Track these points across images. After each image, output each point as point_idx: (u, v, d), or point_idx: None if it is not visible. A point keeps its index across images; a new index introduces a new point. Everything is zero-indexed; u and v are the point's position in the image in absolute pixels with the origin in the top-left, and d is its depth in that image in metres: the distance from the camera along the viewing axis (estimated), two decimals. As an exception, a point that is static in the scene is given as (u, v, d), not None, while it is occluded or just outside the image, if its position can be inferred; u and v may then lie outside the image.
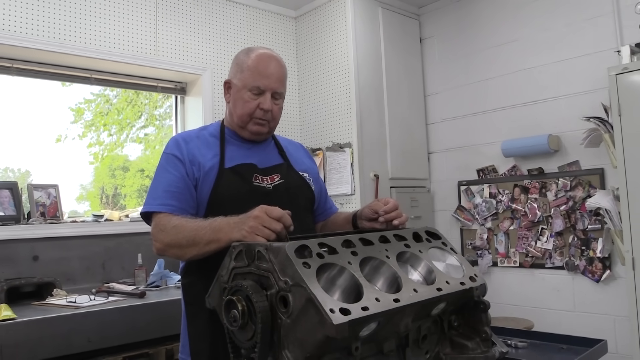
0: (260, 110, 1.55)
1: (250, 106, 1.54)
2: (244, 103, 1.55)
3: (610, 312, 3.05)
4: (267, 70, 1.54)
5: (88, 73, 3.19)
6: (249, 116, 1.55)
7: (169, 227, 1.39)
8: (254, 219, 1.19)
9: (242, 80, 1.55)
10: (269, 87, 1.55)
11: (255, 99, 1.54)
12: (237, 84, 1.57)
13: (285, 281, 0.97)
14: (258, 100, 1.54)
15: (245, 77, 1.55)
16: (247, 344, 1.03)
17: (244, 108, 1.55)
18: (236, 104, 1.57)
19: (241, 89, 1.55)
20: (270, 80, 1.55)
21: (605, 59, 3.06)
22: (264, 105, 1.54)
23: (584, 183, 3.16)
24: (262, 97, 1.54)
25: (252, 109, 1.55)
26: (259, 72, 1.54)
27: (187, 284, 1.51)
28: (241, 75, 1.56)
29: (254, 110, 1.55)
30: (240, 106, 1.56)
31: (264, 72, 1.54)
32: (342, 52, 3.66)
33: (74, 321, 2.09)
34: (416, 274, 1.17)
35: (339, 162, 3.63)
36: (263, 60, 1.56)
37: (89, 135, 3.38)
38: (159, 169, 1.52)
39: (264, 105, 1.54)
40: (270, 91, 1.55)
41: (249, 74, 1.54)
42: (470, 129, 3.82)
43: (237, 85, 1.57)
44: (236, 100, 1.57)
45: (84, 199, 3.44)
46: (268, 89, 1.55)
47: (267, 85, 1.54)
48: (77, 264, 2.87)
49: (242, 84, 1.55)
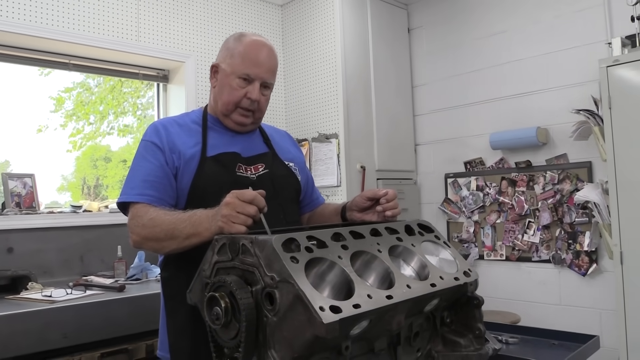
0: (247, 100, 1.48)
1: (237, 94, 1.47)
2: (231, 90, 1.48)
3: (597, 305, 3.04)
4: (258, 58, 1.47)
5: (66, 59, 3.07)
6: (234, 105, 1.49)
7: (146, 219, 1.32)
8: (225, 206, 1.13)
9: (232, 66, 1.48)
10: (259, 76, 1.48)
11: (243, 87, 1.47)
12: (225, 69, 1.50)
13: (272, 277, 0.91)
14: (246, 89, 1.47)
15: (235, 63, 1.47)
16: (230, 343, 0.97)
17: (230, 95, 1.48)
18: (222, 89, 1.50)
19: (229, 74, 1.48)
20: (261, 70, 1.48)
21: (595, 51, 3.04)
22: (251, 95, 1.47)
23: (571, 176, 3.14)
24: (250, 86, 1.48)
25: (238, 97, 1.48)
26: (250, 60, 1.47)
27: (167, 278, 1.44)
28: (231, 61, 1.48)
29: (240, 98, 1.48)
30: (227, 93, 1.48)
31: (255, 60, 1.47)
32: (329, 41, 3.59)
33: (49, 316, 2.01)
34: (409, 269, 1.12)
35: (325, 153, 3.57)
36: (255, 47, 1.48)
37: (70, 125, 3.28)
38: (137, 156, 1.44)
39: (252, 94, 1.47)
40: (259, 80, 1.48)
41: (239, 60, 1.47)
42: (457, 120, 3.78)
43: (225, 71, 1.50)
44: (223, 86, 1.50)
45: (65, 189, 3.34)
46: (258, 78, 1.48)
47: (257, 74, 1.47)
48: (53, 256, 2.77)
49: (231, 69, 1.48)
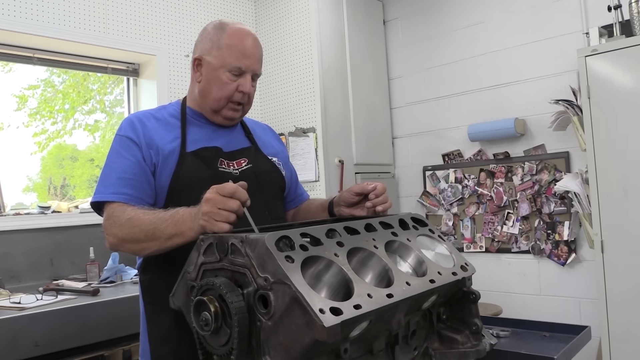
0: (239, 93, 1.40)
1: (229, 88, 1.39)
2: (222, 84, 1.39)
3: (576, 294, 3.07)
4: (247, 50, 1.40)
5: (30, 52, 2.92)
6: (226, 99, 1.40)
7: (123, 219, 1.23)
8: (206, 203, 1.06)
9: (220, 58, 1.39)
10: (250, 68, 1.41)
11: (234, 81, 1.39)
12: (212, 62, 1.40)
13: (265, 278, 0.85)
14: (237, 82, 1.40)
15: (224, 55, 1.39)
16: (221, 350, 0.90)
17: (222, 90, 1.40)
18: (211, 84, 1.41)
19: (218, 68, 1.39)
20: (252, 61, 1.41)
21: (572, 42, 3.05)
22: (243, 88, 1.40)
23: (549, 167, 3.16)
24: (242, 79, 1.40)
25: (231, 91, 1.40)
26: (240, 51, 1.39)
27: (147, 281, 1.36)
28: (218, 53, 1.39)
29: (232, 92, 1.40)
30: (218, 87, 1.40)
31: (244, 51, 1.39)
32: (304, 34, 3.51)
33: (19, 324, 1.90)
34: (406, 265, 1.07)
35: (303, 147, 3.51)
36: (241, 37, 1.40)
37: (34, 124, 3.13)
38: (112, 153, 1.35)
39: (244, 87, 1.40)
40: (250, 72, 1.41)
41: (227, 52, 1.38)
42: (435, 113, 3.76)
43: (212, 64, 1.40)
44: (211, 80, 1.41)
45: (31, 190, 3.19)
46: (249, 70, 1.40)
47: (249, 66, 1.40)
48: (21, 260, 2.64)
49: (220, 63, 1.39)
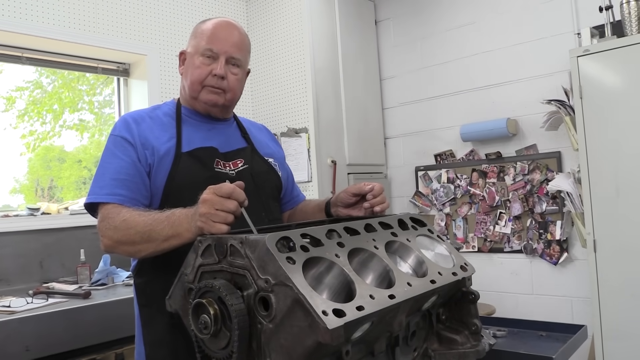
0: (213, 77, 1.38)
1: (201, 72, 1.38)
2: (195, 69, 1.39)
3: (568, 294, 3.08)
4: (220, 33, 1.40)
5: (19, 52, 2.88)
6: (199, 83, 1.39)
7: (118, 220, 1.21)
8: (203, 204, 1.04)
9: (195, 46, 1.41)
10: (223, 50, 1.39)
11: (207, 65, 1.38)
12: (190, 51, 1.43)
13: (266, 280, 0.83)
14: (211, 66, 1.38)
15: (197, 41, 1.40)
16: (220, 354, 0.89)
17: (194, 74, 1.39)
18: (187, 71, 1.42)
19: (193, 55, 1.40)
20: (225, 44, 1.39)
21: (563, 42, 3.06)
22: (217, 71, 1.38)
23: (541, 166, 3.17)
24: (215, 63, 1.39)
25: (203, 75, 1.38)
26: (212, 34, 1.39)
27: (142, 284, 1.34)
28: (195, 42, 1.41)
29: (205, 76, 1.38)
30: (192, 73, 1.40)
31: (217, 34, 1.39)
32: (296, 34, 3.50)
33: (9, 327, 1.86)
34: (406, 265, 1.06)
35: (295, 148, 3.49)
36: (220, 25, 1.41)
37: (22, 126, 3.08)
38: (106, 153, 1.33)
39: (217, 70, 1.38)
40: (224, 55, 1.39)
41: (200, 37, 1.40)
42: (427, 113, 3.76)
43: (189, 53, 1.43)
44: (188, 67, 1.42)
45: (17, 192, 3.14)
46: (222, 52, 1.39)
47: (221, 49, 1.38)
48: (10, 263, 2.59)
49: (194, 49, 1.40)
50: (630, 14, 2.47)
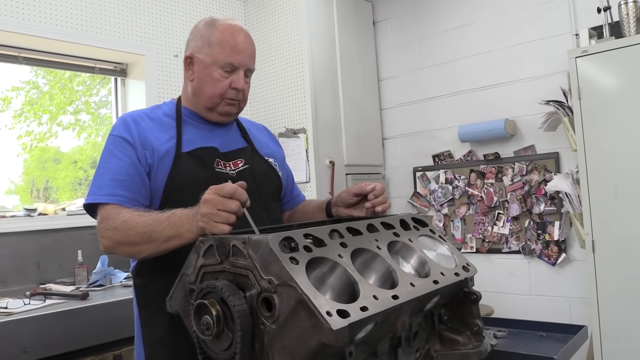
0: (232, 90, 1.38)
1: (222, 85, 1.37)
2: (215, 82, 1.37)
3: (566, 294, 3.08)
4: (239, 45, 1.38)
5: (15, 51, 2.86)
6: (220, 97, 1.38)
7: (118, 221, 1.20)
8: (205, 204, 1.03)
9: (212, 56, 1.37)
10: (243, 63, 1.38)
11: (227, 77, 1.37)
12: (204, 60, 1.38)
13: (269, 280, 0.83)
14: (230, 79, 1.37)
15: (215, 52, 1.36)
16: (223, 355, 0.88)
17: (215, 88, 1.37)
18: (204, 82, 1.38)
19: (210, 65, 1.37)
20: (244, 57, 1.38)
21: (561, 43, 3.07)
22: (237, 84, 1.37)
23: (539, 167, 3.17)
24: (234, 75, 1.38)
25: (224, 88, 1.37)
26: (232, 47, 1.36)
27: (141, 285, 1.33)
28: (209, 50, 1.37)
29: (225, 90, 1.38)
30: (210, 85, 1.37)
31: (236, 48, 1.37)
32: (294, 34, 3.49)
33: (6, 329, 1.85)
34: (408, 266, 1.05)
35: (293, 148, 3.48)
36: (232, 33, 1.38)
37: (18, 126, 3.06)
38: (105, 153, 1.32)
39: (237, 84, 1.37)
40: (243, 68, 1.39)
41: (219, 49, 1.36)
42: (425, 114, 3.76)
43: (204, 62, 1.38)
44: (204, 78, 1.38)
45: (13, 193, 3.12)
46: (242, 65, 1.38)
47: (241, 62, 1.38)
48: (7, 264, 2.57)
49: (212, 60, 1.37)
50: (628, 15, 2.48)
